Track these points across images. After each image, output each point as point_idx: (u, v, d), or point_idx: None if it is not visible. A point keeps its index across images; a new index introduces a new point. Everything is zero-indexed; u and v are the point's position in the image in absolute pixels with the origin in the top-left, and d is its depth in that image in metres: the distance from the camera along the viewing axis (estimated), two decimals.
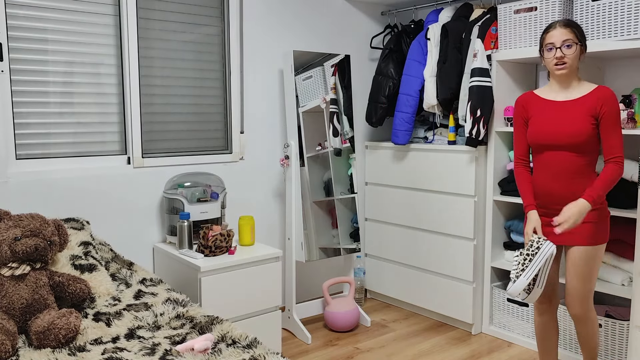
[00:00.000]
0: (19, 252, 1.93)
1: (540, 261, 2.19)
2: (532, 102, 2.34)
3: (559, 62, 2.18)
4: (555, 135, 2.22)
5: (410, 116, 3.35)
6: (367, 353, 2.99)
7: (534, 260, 2.20)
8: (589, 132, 2.17)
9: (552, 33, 2.20)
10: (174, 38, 2.99)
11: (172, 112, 3.02)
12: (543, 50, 2.25)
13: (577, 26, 2.21)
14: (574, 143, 2.18)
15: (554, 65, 2.20)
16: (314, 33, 3.52)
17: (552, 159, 2.26)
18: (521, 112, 2.38)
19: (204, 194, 2.83)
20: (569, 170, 2.23)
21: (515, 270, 2.24)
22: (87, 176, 2.69)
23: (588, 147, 2.20)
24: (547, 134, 2.24)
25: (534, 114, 2.31)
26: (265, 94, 3.33)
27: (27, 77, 2.55)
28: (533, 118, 2.31)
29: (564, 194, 2.25)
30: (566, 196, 2.24)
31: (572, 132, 2.18)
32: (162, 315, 2.05)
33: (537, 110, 2.31)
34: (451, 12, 3.33)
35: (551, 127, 2.23)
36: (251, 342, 1.79)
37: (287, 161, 3.19)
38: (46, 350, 1.77)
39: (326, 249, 3.33)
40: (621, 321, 2.67)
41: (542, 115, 2.28)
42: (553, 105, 2.27)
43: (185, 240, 2.70)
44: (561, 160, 2.24)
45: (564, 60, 2.17)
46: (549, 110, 2.27)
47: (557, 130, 2.22)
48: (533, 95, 2.35)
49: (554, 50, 2.18)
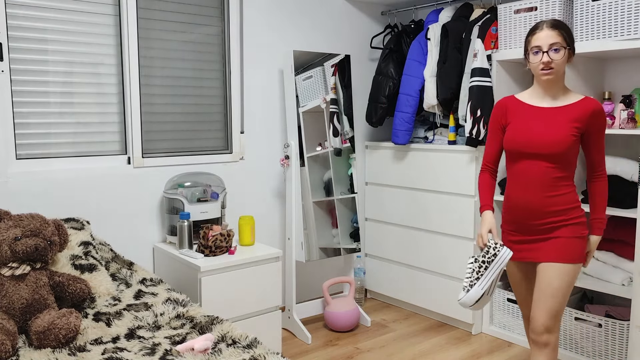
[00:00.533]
0: (19, 252, 1.93)
1: (496, 269, 2.04)
2: (513, 106, 2.16)
3: (545, 67, 2.00)
4: (536, 143, 2.03)
5: (410, 116, 3.35)
6: (367, 353, 2.99)
7: (490, 267, 2.04)
8: (571, 142, 2.01)
9: (539, 35, 2.01)
10: (174, 38, 2.99)
11: (172, 112, 3.02)
12: (528, 54, 2.06)
13: (565, 28, 2.03)
14: (555, 153, 2.01)
15: (540, 70, 2.02)
16: (314, 33, 3.52)
17: (529, 168, 2.07)
18: (499, 117, 2.20)
19: (204, 194, 2.83)
20: (546, 182, 2.05)
21: (469, 279, 2.07)
22: (87, 176, 2.69)
23: (568, 158, 2.04)
24: (527, 141, 2.06)
25: (514, 119, 2.13)
26: (265, 94, 3.33)
27: (27, 77, 2.55)
28: (513, 123, 2.13)
29: (539, 208, 2.07)
30: (541, 211, 2.07)
31: (554, 141, 2.00)
32: (162, 315, 2.05)
33: (517, 116, 2.13)
34: (451, 12, 3.33)
35: (532, 133, 2.05)
36: (251, 342, 1.79)
37: (287, 161, 3.19)
38: (46, 350, 1.77)
39: (326, 249, 3.32)
40: (621, 321, 2.67)
41: (523, 120, 2.10)
42: (536, 111, 2.10)
43: (186, 240, 2.70)
44: (538, 171, 2.05)
45: (551, 65, 1.99)
46: (531, 116, 2.09)
47: (538, 137, 2.03)
48: (514, 100, 2.17)
49: (540, 54, 2.00)
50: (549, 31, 2.00)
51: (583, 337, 2.81)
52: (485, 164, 2.28)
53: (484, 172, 2.28)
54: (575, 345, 2.86)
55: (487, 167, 2.27)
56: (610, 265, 2.80)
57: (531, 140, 2.05)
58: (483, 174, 2.28)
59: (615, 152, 2.97)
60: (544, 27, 2.02)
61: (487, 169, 2.27)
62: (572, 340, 2.87)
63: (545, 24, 2.03)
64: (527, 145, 2.05)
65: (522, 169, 2.10)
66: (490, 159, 2.27)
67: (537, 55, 2.02)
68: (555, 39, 1.99)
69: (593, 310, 2.91)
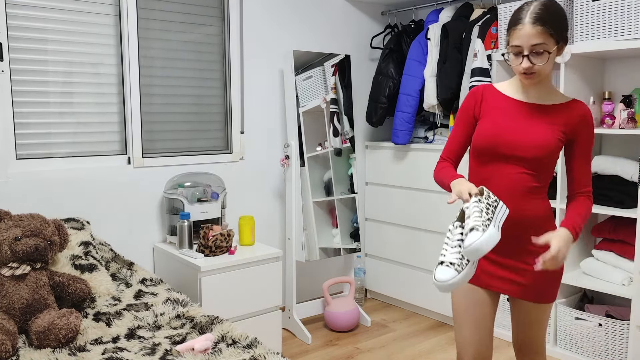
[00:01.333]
0: (19, 252, 1.93)
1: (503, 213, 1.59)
2: (490, 96, 1.77)
3: (526, 72, 1.64)
4: (515, 143, 1.68)
5: (410, 116, 3.35)
6: (367, 353, 2.99)
7: (498, 208, 1.58)
8: (555, 147, 1.67)
9: (519, 33, 1.61)
10: (174, 38, 2.99)
11: (172, 112, 3.02)
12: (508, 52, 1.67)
13: (553, 19, 1.60)
14: (536, 157, 1.66)
15: (522, 74, 1.67)
16: (314, 33, 3.52)
17: (500, 173, 1.70)
18: (472, 106, 1.80)
19: (204, 194, 2.83)
20: (518, 191, 1.69)
21: (479, 218, 1.52)
22: (87, 176, 2.69)
23: (548, 166, 1.70)
24: (503, 139, 1.69)
25: (490, 111, 1.75)
26: (265, 94, 3.33)
27: (27, 77, 2.55)
28: (488, 116, 1.75)
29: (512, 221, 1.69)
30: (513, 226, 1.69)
31: (538, 143, 1.66)
32: (162, 315, 2.05)
33: (495, 108, 1.75)
34: (451, 12, 3.34)
35: (511, 131, 1.69)
36: (251, 342, 1.79)
37: (287, 161, 3.19)
38: (46, 350, 1.77)
39: (326, 249, 3.33)
40: (621, 321, 2.67)
41: (501, 114, 1.73)
42: (518, 105, 1.73)
43: (186, 240, 2.70)
44: (511, 177, 1.69)
45: (533, 70, 1.63)
46: (512, 111, 1.73)
47: (518, 136, 1.68)
48: (493, 90, 1.79)
49: (520, 57, 1.63)
50: (531, 28, 1.59)
51: (583, 337, 2.81)
52: (443, 158, 1.84)
53: (443, 162, 1.83)
54: (575, 345, 2.86)
55: (447, 159, 1.83)
56: (610, 265, 2.80)
57: (509, 139, 1.68)
58: (442, 163, 1.83)
59: (615, 152, 2.97)
60: (526, 21, 1.60)
61: (445, 160, 1.84)
62: (572, 340, 2.86)
63: (528, 18, 1.60)
64: (503, 144, 1.69)
65: (491, 173, 1.72)
66: (450, 152, 1.83)
67: (518, 57, 1.64)
68: (538, 38, 1.59)
69: (593, 310, 2.91)
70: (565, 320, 2.88)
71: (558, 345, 2.93)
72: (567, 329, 2.88)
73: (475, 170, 1.78)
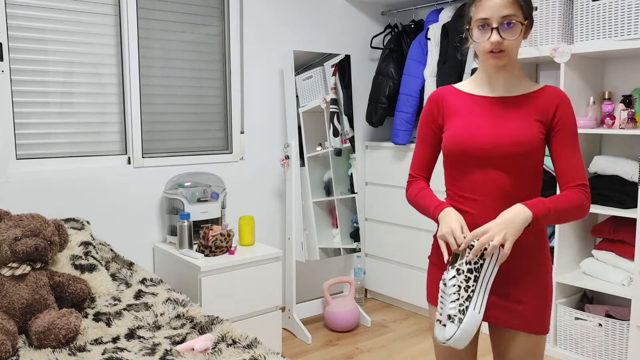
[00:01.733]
0: (19, 252, 1.93)
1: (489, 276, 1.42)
2: (452, 98, 1.58)
3: (495, 49, 1.44)
4: (489, 143, 1.47)
5: (410, 116, 3.35)
6: (367, 353, 2.99)
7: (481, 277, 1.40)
8: (536, 141, 1.46)
9: (487, 3, 1.44)
10: (174, 38, 2.99)
11: (172, 112, 3.02)
12: (471, 28, 1.50)
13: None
14: (515, 154, 1.44)
15: (489, 53, 1.46)
16: (314, 33, 3.52)
17: (480, 182, 1.50)
18: (433, 112, 1.61)
19: (204, 194, 2.83)
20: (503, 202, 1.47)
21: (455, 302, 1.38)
22: (87, 176, 2.69)
23: (533, 166, 1.48)
24: (475, 141, 1.48)
25: (456, 113, 1.55)
26: (265, 94, 3.33)
27: (27, 77, 2.55)
28: (454, 120, 1.55)
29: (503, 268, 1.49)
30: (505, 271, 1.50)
31: (514, 139, 1.45)
32: (162, 315, 2.05)
33: (460, 109, 1.55)
34: (451, 12, 3.33)
35: (482, 131, 1.48)
36: (251, 342, 1.79)
37: (287, 161, 3.19)
38: (46, 350, 1.77)
39: (326, 249, 3.32)
40: (621, 321, 2.67)
41: (468, 114, 1.53)
42: (485, 102, 1.53)
43: (186, 240, 2.70)
44: (493, 185, 1.48)
45: (503, 47, 1.44)
46: (479, 108, 1.53)
47: (491, 135, 1.47)
48: (453, 90, 1.60)
49: (489, 31, 1.44)
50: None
51: (583, 337, 2.81)
52: (412, 175, 1.66)
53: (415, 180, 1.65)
54: (575, 345, 2.86)
55: (418, 176, 1.65)
56: (610, 266, 2.80)
57: (481, 140, 1.48)
58: (416, 182, 1.65)
59: (615, 152, 2.97)
60: None
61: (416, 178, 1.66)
62: (572, 340, 2.86)
63: None
64: (476, 147, 1.48)
65: (470, 183, 1.52)
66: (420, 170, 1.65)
67: (484, 31, 1.45)
68: (509, 9, 1.42)
69: (593, 310, 2.91)
70: (565, 320, 2.88)
71: (558, 345, 2.93)
72: (567, 329, 2.88)
73: (452, 183, 1.58)
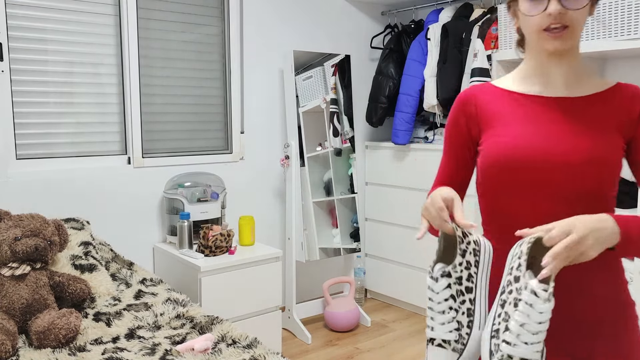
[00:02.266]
0: (19, 252, 1.93)
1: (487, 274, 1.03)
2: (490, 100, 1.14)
3: (555, 25, 1.03)
4: (546, 160, 1.04)
5: (410, 116, 3.35)
6: (367, 353, 2.99)
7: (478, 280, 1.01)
8: (614, 160, 1.06)
9: None
10: (174, 38, 2.99)
11: (172, 112, 3.02)
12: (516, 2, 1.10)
13: None
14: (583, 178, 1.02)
15: (544, 32, 1.05)
16: (314, 33, 3.52)
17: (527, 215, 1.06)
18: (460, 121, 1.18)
19: (204, 194, 2.83)
20: None
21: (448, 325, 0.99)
22: (87, 176, 2.69)
23: (604, 195, 1.06)
24: (526, 158, 1.05)
25: (496, 120, 1.12)
26: (265, 94, 3.33)
27: (27, 77, 2.55)
28: (494, 129, 1.11)
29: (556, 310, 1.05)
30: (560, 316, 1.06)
31: (584, 156, 1.03)
32: (162, 315, 2.05)
33: (502, 115, 1.12)
34: (451, 12, 3.34)
35: (536, 142, 1.05)
36: (251, 342, 1.79)
37: (287, 161, 3.19)
38: (46, 350, 1.77)
39: (326, 249, 3.32)
40: None
41: (513, 121, 1.10)
42: (539, 103, 1.10)
43: (186, 240, 2.70)
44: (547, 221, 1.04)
45: (565, 21, 1.03)
46: (531, 113, 1.09)
47: (549, 149, 1.04)
48: (492, 89, 1.17)
49: (545, 0, 1.03)
50: None
51: None
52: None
53: None
54: None
55: None
56: None
57: (531, 157, 1.04)
58: None
59: None
60: None
61: None
62: None
63: None
64: (524, 166, 1.05)
65: (516, 217, 1.08)
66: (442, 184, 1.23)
67: (538, 1, 1.04)
68: None
69: None
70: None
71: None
72: None
73: (491, 217, 1.13)
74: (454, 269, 0.99)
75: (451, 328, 0.97)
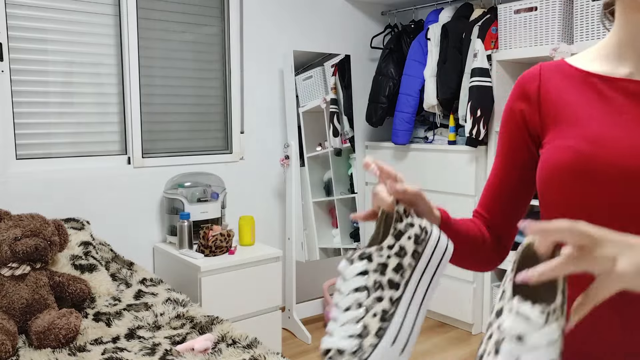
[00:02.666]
0: (19, 252, 1.93)
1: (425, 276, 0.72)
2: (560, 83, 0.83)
3: None
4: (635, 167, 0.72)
5: (410, 116, 3.35)
6: None
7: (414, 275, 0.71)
8: None
9: None
10: (174, 38, 2.99)
11: (172, 112, 3.02)
12: None
13: None
14: None
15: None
16: (314, 33, 3.52)
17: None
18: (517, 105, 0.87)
19: (204, 194, 2.83)
20: None
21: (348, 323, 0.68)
22: (87, 176, 2.69)
23: None
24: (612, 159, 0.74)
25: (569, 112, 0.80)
26: (265, 94, 3.33)
27: (27, 77, 2.55)
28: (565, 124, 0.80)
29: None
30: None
31: None
32: (162, 315, 2.05)
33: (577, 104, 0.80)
34: (451, 12, 3.33)
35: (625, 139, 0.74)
36: (251, 342, 1.79)
37: (287, 161, 3.19)
38: (46, 350, 1.77)
39: (326, 249, 3.32)
40: None
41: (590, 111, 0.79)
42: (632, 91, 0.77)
43: (186, 240, 2.70)
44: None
45: None
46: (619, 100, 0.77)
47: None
48: (565, 67, 0.84)
49: None
50: None
51: None
52: (475, 212, 0.96)
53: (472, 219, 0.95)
54: None
55: (479, 214, 0.95)
56: None
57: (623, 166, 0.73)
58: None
59: None
60: None
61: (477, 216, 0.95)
62: None
63: None
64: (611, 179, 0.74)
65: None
66: (487, 201, 0.93)
67: None
68: None
69: None
70: None
71: None
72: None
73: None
74: (380, 252, 0.70)
75: (351, 332, 0.66)
